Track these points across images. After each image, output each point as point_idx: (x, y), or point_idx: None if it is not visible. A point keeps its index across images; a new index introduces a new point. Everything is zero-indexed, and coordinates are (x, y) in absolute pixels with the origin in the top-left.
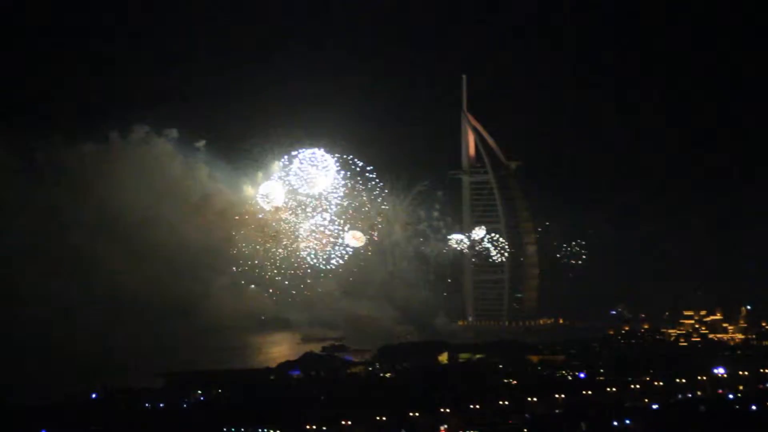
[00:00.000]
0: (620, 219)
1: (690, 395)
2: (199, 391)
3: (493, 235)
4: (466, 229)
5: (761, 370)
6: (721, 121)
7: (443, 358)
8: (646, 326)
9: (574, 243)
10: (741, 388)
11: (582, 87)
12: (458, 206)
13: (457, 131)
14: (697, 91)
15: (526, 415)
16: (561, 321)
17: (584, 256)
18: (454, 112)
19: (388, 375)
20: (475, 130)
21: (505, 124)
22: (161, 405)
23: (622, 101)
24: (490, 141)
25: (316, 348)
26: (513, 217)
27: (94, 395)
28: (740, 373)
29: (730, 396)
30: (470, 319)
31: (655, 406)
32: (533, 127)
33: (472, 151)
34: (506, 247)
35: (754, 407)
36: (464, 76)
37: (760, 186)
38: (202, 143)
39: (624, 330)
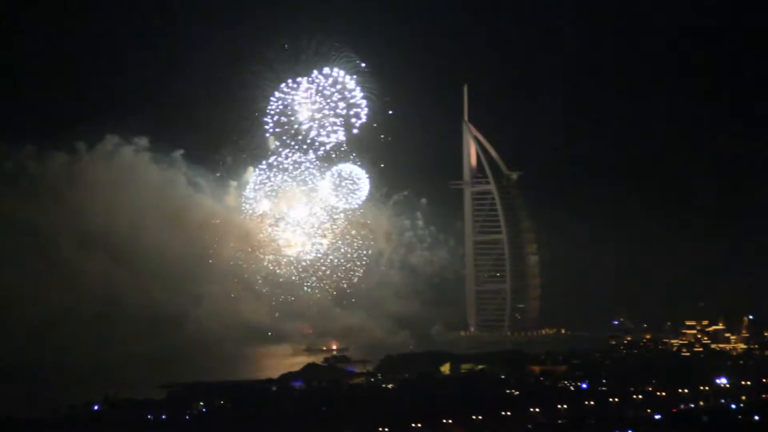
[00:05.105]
0: (622, 228)
1: (692, 405)
2: (201, 403)
3: (494, 245)
4: (467, 239)
5: (763, 380)
6: (724, 127)
7: (445, 369)
8: (648, 336)
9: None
10: (743, 398)
11: (583, 96)
12: (459, 216)
13: (459, 141)
14: (700, 96)
15: (529, 426)
16: (563, 331)
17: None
18: (455, 121)
19: (390, 386)
20: (476, 139)
21: (506, 134)
22: (164, 416)
23: (624, 109)
24: (492, 151)
25: (318, 359)
26: (514, 227)
27: (96, 407)
28: (743, 383)
29: (733, 406)
30: (472, 329)
31: (657, 417)
32: (535, 136)
33: (473, 161)
34: (508, 257)
35: (756, 417)
36: (465, 86)
37: (762, 194)
38: (179, 153)
39: (626, 340)
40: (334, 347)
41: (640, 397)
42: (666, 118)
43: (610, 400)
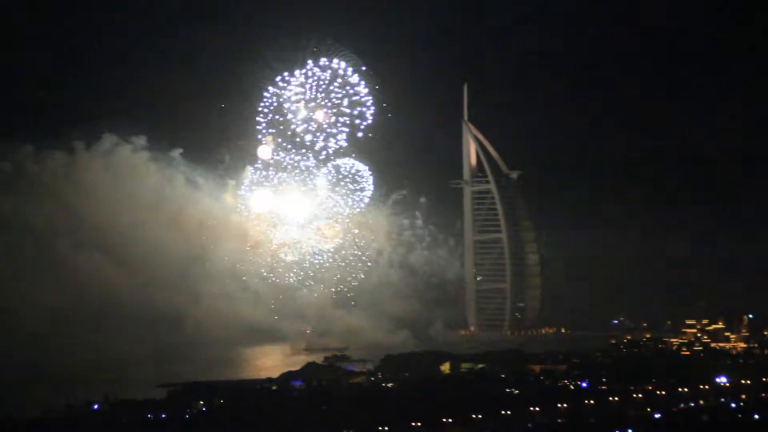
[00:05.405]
0: (622, 227)
1: (692, 404)
2: (201, 402)
3: (494, 244)
4: (467, 238)
5: (763, 379)
6: (723, 126)
7: (445, 368)
8: (648, 335)
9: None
10: (743, 396)
11: (583, 95)
12: (459, 215)
13: (458, 140)
14: (699, 96)
15: (529, 425)
16: (563, 330)
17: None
18: (455, 121)
19: (390, 385)
20: (476, 139)
21: (506, 134)
22: (163, 416)
23: (624, 109)
24: (492, 150)
25: (317, 359)
26: (514, 227)
27: (95, 406)
28: (742, 381)
29: (733, 405)
30: (472, 328)
31: (657, 416)
32: (535, 136)
33: (473, 160)
34: (507, 256)
35: (756, 416)
36: (465, 85)
37: (761, 194)
38: (177, 152)
39: (626, 339)
40: (334, 347)
41: (640, 396)
42: (666, 117)
43: (610, 399)
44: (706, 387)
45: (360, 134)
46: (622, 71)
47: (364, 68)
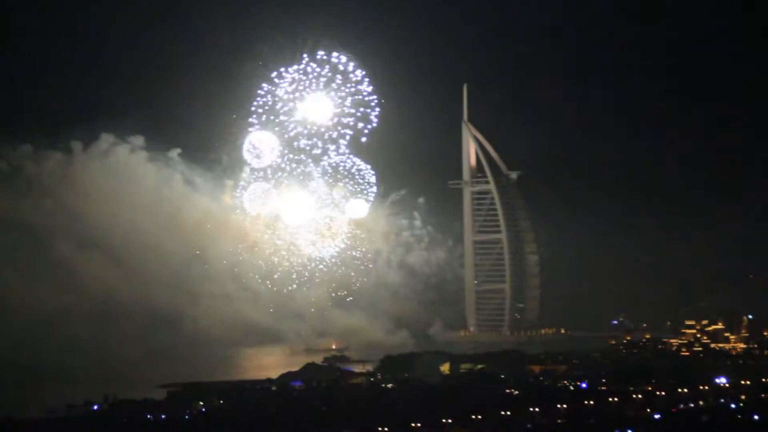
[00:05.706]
0: (621, 228)
1: (692, 405)
2: (201, 402)
3: (494, 245)
4: (467, 239)
5: (763, 380)
6: (722, 127)
7: (445, 368)
8: (647, 336)
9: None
10: (743, 397)
11: (583, 95)
12: (457, 216)
13: (458, 141)
14: (698, 97)
15: (528, 426)
16: (563, 331)
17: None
18: (455, 121)
19: (389, 386)
20: (475, 139)
21: (506, 134)
22: (163, 416)
23: (623, 110)
24: (491, 151)
25: (317, 359)
26: (514, 227)
27: (95, 406)
28: (742, 382)
29: (732, 405)
30: (472, 329)
31: (657, 416)
32: (535, 137)
33: (473, 160)
34: (507, 257)
35: (756, 417)
36: (465, 86)
37: (761, 194)
38: (176, 152)
39: (626, 340)
40: (334, 347)
41: (640, 396)
42: (666, 117)
43: (610, 399)
44: (706, 388)
45: (364, 139)
46: (622, 71)
47: (363, 71)
